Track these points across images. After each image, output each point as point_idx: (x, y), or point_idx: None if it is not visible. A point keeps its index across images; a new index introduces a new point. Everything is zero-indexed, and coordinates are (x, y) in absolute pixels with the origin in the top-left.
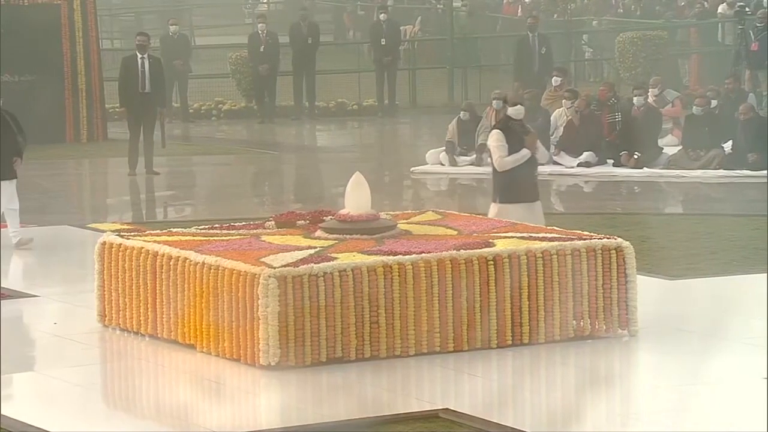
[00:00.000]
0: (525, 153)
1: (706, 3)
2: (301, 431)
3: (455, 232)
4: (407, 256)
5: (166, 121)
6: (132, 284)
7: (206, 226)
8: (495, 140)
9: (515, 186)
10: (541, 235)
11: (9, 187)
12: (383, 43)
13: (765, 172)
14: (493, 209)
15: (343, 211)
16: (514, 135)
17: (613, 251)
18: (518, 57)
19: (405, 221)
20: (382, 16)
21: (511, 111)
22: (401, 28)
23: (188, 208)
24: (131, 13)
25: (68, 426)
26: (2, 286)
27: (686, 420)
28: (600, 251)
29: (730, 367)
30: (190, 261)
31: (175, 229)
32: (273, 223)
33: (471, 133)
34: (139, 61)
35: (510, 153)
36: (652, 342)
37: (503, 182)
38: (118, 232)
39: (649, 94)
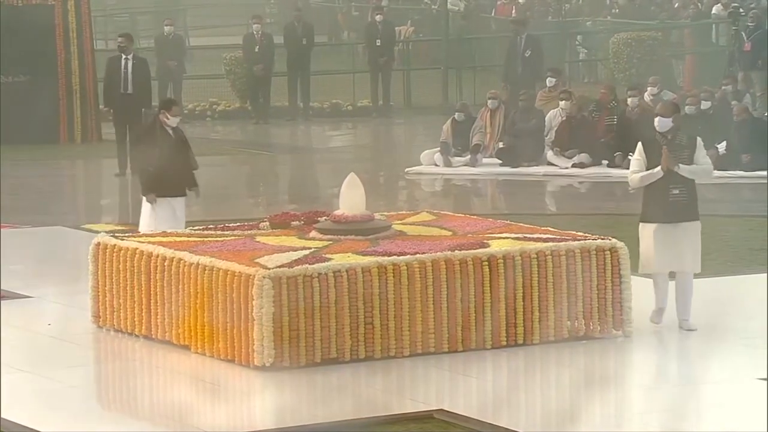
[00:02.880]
0: (657, 172)
1: (700, 4)
2: None
3: (450, 233)
4: (402, 257)
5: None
6: (126, 285)
7: (201, 227)
8: (635, 153)
9: (649, 204)
10: (535, 235)
11: None
12: (378, 44)
13: (759, 172)
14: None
15: (337, 212)
16: (656, 150)
17: (608, 252)
18: (506, 58)
19: (399, 222)
20: (377, 17)
21: (655, 122)
22: (396, 28)
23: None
24: (125, 13)
25: (62, 427)
26: None
27: (680, 421)
28: (594, 252)
29: (724, 368)
30: (185, 262)
31: (169, 230)
32: (268, 223)
33: (465, 134)
34: (122, 62)
35: (649, 168)
36: (646, 343)
37: (643, 200)
38: (112, 233)
39: (647, 93)
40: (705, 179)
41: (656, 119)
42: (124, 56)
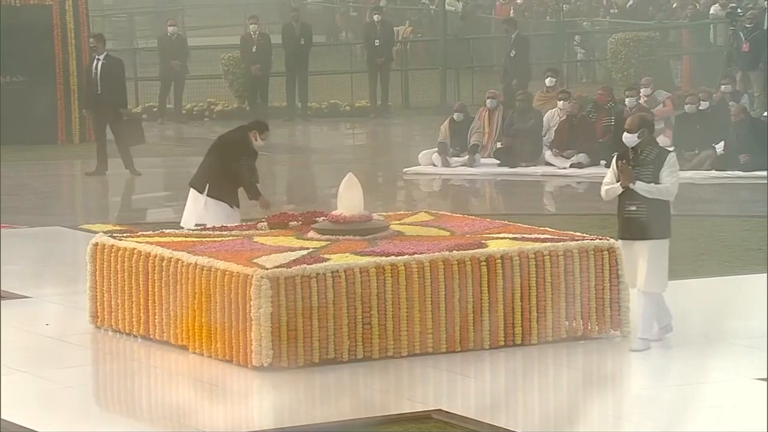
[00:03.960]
0: (616, 187)
1: (698, 4)
2: None
3: (448, 233)
4: (400, 257)
5: (159, 122)
6: (124, 285)
7: (199, 227)
8: (611, 164)
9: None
10: (533, 236)
11: None
12: (377, 44)
13: (757, 173)
14: None
15: (335, 212)
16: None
17: (606, 252)
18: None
19: (398, 222)
20: (375, 17)
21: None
22: (394, 29)
23: (181, 209)
24: (123, 14)
25: (60, 427)
26: None
27: (681, 421)
28: (592, 252)
29: (722, 368)
30: (183, 262)
31: (167, 230)
32: (266, 224)
33: (463, 134)
34: (94, 62)
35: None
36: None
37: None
38: (110, 233)
39: (640, 94)
40: (665, 197)
41: (623, 134)
42: (96, 57)
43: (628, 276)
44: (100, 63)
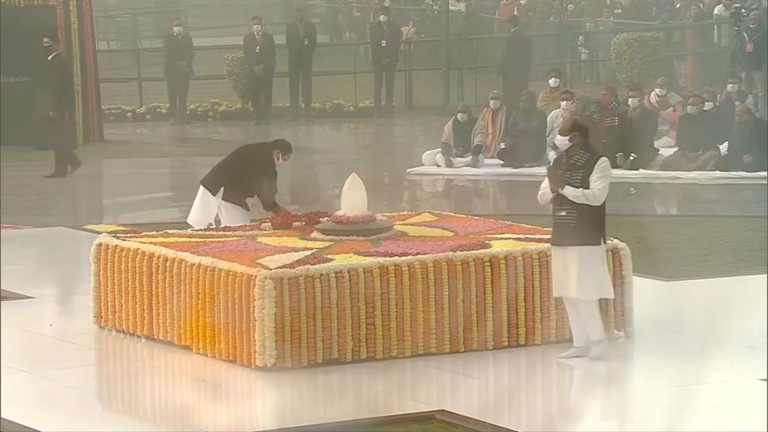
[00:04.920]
0: (547, 191)
1: (702, 4)
2: None
3: (451, 234)
4: (403, 258)
5: (171, 122)
6: (128, 286)
7: (202, 228)
8: None
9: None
10: (537, 236)
11: None
12: (383, 45)
13: (760, 173)
14: None
15: (339, 213)
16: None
17: (610, 253)
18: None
19: (401, 222)
20: (382, 18)
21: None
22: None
23: (186, 209)
24: (127, 14)
25: (64, 427)
26: None
27: (682, 421)
28: None
29: (726, 369)
30: (187, 262)
31: (171, 231)
32: (269, 224)
33: (467, 135)
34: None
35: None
36: (648, 343)
37: None
38: (114, 234)
39: (653, 93)
40: (592, 203)
41: (556, 137)
42: (48, 57)
43: (555, 283)
44: (46, 63)
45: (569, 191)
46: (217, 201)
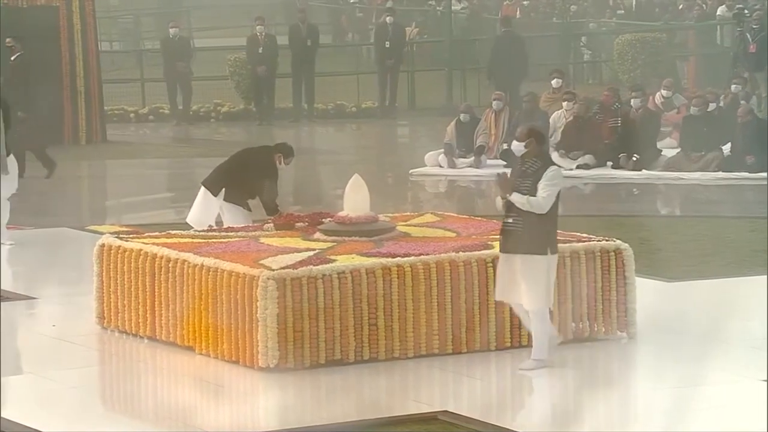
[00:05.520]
0: (499, 198)
1: (704, 5)
2: None
3: (454, 234)
4: (406, 258)
5: (174, 123)
6: (131, 286)
7: (205, 228)
8: None
9: None
10: None
11: None
12: (387, 46)
13: (763, 174)
14: None
15: (341, 213)
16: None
17: (612, 253)
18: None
19: (404, 223)
20: (388, 19)
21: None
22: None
23: (188, 210)
24: (130, 15)
25: (66, 428)
26: (1, 288)
27: (684, 422)
28: (599, 253)
29: (728, 370)
30: (189, 263)
31: (173, 231)
32: (271, 225)
33: (470, 135)
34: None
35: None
36: (650, 344)
37: None
38: (116, 234)
39: (659, 94)
40: (536, 211)
41: (513, 142)
42: (12, 58)
43: (497, 287)
44: (9, 63)
45: (516, 198)
46: (219, 202)
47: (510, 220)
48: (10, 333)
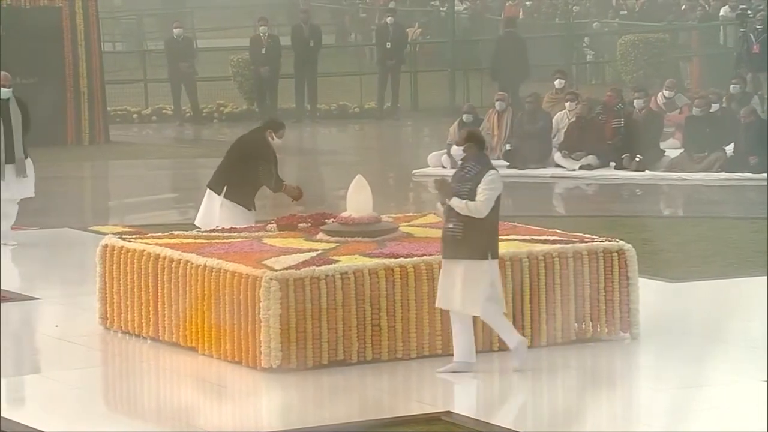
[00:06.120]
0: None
1: (707, 6)
2: None
3: None
4: (409, 259)
5: (177, 124)
6: (134, 287)
7: (208, 229)
8: None
9: None
10: (542, 237)
11: None
12: (388, 47)
13: (766, 174)
14: None
15: (344, 214)
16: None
17: (615, 254)
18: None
19: (406, 224)
20: (389, 20)
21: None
22: (406, 30)
23: (191, 210)
24: (133, 15)
25: (69, 428)
26: (4, 288)
27: (687, 422)
28: (602, 254)
29: (730, 370)
30: (192, 263)
31: (176, 232)
32: (274, 225)
33: None
34: None
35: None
36: (653, 345)
37: None
38: (119, 235)
39: (660, 94)
40: (474, 215)
41: (453, 147)
42: None
43: (441, 297)
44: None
45: (455, 203)
46: (221, 200)
47: (450, 226)
48: (15, 334)
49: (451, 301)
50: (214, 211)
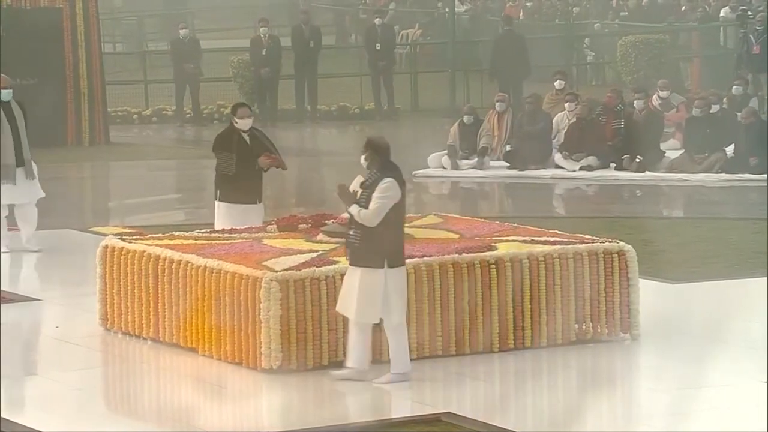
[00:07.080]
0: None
1: (708, 7)
2: None
3: (457, 236)
4: (409, 260)
5: (178, 125)
6: (134, 288)
7: (208, 230)
8: None
9: None
10: (543, 238)
11: None
12: (378, 48)
13: (766, 175)
14: None
15: (345, 215)
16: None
17: (615, 255)
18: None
19: (407, 225)
20: (377, 21)
21: None
22: (403, 32)
23: (191, 211)
24: (133, 16)
25: (68, 428)
26: (5, 289)
27: (687, 423)
28: (602, 255)
29: (730, 371)
30: (192, 264)
31: (177, 233)
32: (275, 226)
33: (473, 137)
34: None
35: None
36: (653, 345)
37: None
38: (120, 236)
39: (656, 96)
40: (365, 223)
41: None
42: None
43: (340, 302)
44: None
45: (352, 210)
46: (217, 204)
47: (351, 233)
48: (15, 334)
49: (347, 308)
50: (219, 216)
